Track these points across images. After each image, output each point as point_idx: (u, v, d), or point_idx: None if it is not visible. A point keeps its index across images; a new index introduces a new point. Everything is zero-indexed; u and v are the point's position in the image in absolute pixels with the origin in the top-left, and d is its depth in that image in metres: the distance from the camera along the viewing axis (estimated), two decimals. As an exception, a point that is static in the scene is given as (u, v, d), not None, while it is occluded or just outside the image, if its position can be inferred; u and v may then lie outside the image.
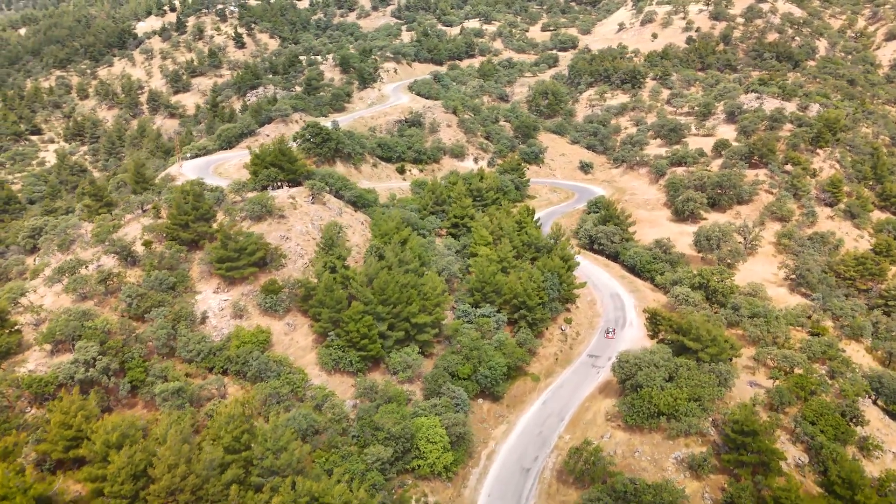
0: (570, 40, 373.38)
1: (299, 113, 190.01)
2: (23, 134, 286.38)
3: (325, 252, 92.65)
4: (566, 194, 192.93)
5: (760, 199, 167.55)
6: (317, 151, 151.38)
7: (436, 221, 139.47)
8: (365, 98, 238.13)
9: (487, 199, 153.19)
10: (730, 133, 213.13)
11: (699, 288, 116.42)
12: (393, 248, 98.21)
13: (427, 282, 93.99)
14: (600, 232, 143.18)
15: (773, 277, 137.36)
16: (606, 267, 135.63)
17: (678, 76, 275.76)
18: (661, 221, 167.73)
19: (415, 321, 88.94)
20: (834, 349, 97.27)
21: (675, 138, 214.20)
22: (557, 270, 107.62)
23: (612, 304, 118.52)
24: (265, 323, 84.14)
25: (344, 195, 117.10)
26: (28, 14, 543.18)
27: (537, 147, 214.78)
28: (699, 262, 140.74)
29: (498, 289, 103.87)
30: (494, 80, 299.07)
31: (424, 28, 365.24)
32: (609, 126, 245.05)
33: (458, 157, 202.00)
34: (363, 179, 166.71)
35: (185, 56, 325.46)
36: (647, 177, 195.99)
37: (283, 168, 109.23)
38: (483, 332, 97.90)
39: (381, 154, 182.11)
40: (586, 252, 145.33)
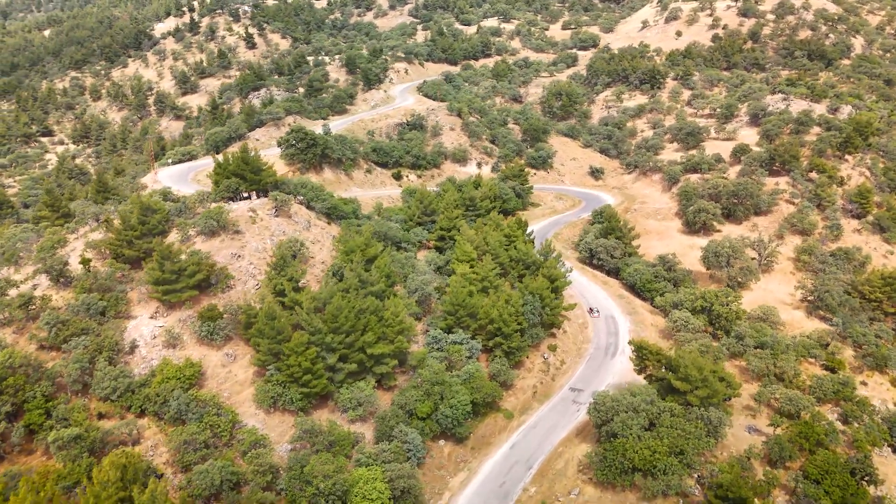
0: (590, 39, 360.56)
1: (293, 116, 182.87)
2: (33, 136, 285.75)
3: (276, 273, 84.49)
4: (573, 202, 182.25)
5: (780, 209, 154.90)
6: (301, 157, 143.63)
7: (422, 233, 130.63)
8: (369, 100, 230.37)
9: (481, 209, 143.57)
10: (752, 137, 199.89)
11: (702, 312, 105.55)
12: (355, 268, 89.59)
13: (389, 306, 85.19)
14: (600, 246, 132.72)
15: (790, 298, 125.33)
16: (604, 285, 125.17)
17: (701, 76, 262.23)
18: (670, 233, 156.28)
19: (371, 352, 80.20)
20: (849, 388, 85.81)
21: (692, 142, 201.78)
22: (540, 293, 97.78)
23: (606, 329, 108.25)
24: (201, 353, 76.32)
25: (315, 206, 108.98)
26: (53, 15, 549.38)
27: (545, 151, 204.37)
28: (707, 281, 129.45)
29: (473, 312, 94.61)
30: (508, 80, 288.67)
31: (439, 27, 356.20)
32: (625, 129, 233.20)
33: (461, 162, 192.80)
34: (354, 186, 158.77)
35: (196, 57, 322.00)
36: (660, 184, 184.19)
37: (245, 178, 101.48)
38: (453, 361, 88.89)
39: (377, 159, 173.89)
40: (585, 267, 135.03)
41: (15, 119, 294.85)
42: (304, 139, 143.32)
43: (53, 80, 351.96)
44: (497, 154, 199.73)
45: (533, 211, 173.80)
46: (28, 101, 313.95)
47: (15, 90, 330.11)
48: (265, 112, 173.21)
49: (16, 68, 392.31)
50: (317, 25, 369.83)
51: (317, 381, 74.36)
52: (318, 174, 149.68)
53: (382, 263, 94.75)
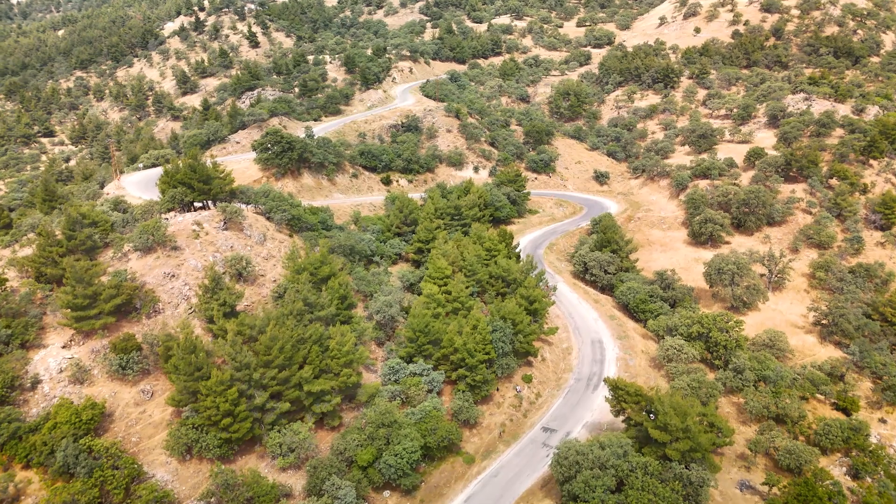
0: (605, 36, 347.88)
1: (280, 118, 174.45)
2: (33, 136, 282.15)
3: (209, 296, 75.55)
4: (573, 209, 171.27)
5: (795, 219, 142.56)
6: (276, 162, 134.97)
7: (399, 245, 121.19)
8: (366, 100, 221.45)
9: (467, 218, 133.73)
10: (769, 140, 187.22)
11: (698, 338, 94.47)
12: (301, 289, 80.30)
13: (336, 334, 75.75)
14: (593, 260, 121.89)
15: (802, 320, 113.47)
16: (596, 303, 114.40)
17: (718, 74, 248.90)
18: (675, 244, 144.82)
19: (308, 389, 70.87)
20: (861, 435, 74.33)
21: (704, 145, 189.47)
22: (513, 317, 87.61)
23: (591, 355, 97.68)
24: (112, 390, 67.62)
25: (274, 217, 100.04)
26: (68, 15, 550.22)
27: (548, 154, 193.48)
28: (710, 300, 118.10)
29: (436, 339, 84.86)
30: (516, 79, 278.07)
31: (448, 24, 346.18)
32: (634, 130, 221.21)
33: (456, 166, 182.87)
34: (336, 193, 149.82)
35: (199, 56, 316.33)
36: (668, 190, 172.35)
37: (192, 187, 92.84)
38: (410, 396, 79.26)
39: (365, 163, 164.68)
40: (578, 282, 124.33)
41: (16, 119, 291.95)
42: (279, 142, 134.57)
43: (59, 79, 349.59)
44: (496, 157, 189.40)
45: (530, 218, 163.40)
46: (31, 102, 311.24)
47: (20, 90, 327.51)
48: (247, 113, 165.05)
49: (26, 68, 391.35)
50: (324, 24, 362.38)
51: (239, 425, 65.18)
52: (295, 180, 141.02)
53: (336, 284, 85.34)
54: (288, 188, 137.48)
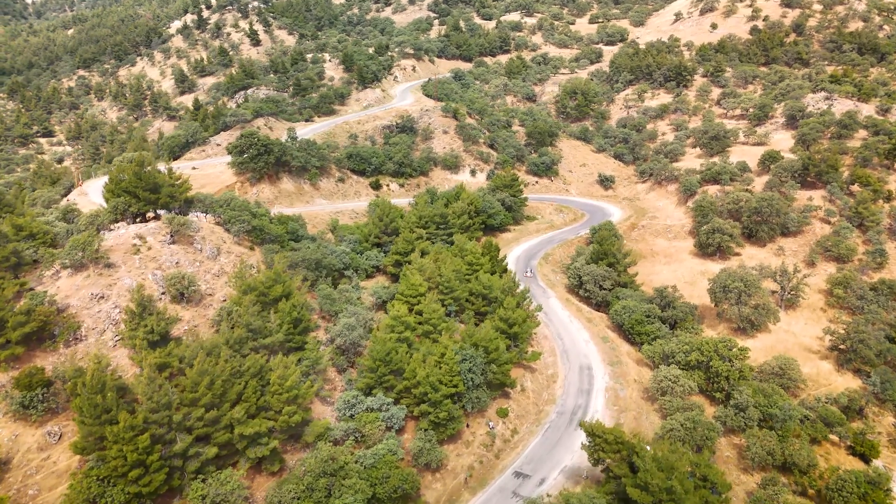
0: (618, 33, 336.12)
1: (266, 118, 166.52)
2: (30, 136, 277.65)
3: (137, 322, 67.16)
4: (574, 215, 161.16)
5: (812, 229, 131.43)
6: (251, 166, 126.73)
7: (377, 257, 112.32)
8: (362, 100, 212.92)
9: (454, 227, 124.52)
10: (787, 142, 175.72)
11: (697, 367, 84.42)
12: (243, 313, 71.73)
13: (278, 367, 67.00)
14: (587, 273, 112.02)
15: (817, 343, 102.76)
16: (588, 322, 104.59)
17: (734, 72, 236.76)
18: (680, 255, 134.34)
19: (240, 431, 62.20)
20: (880, 491, 63.98)
21: (716, 148, 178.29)
22: (486, 344, 78.27)
23: (578, 384, 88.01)
24: (14, 431, 59.47)
25: (231, 228, 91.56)
26: (79, 14, 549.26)
27: (550, 157, 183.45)
28: (715, 320, 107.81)
29: (399, 369, 75.91)
30: (522, 78, 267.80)
31: (455, 21, 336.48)
32: (644, 131, 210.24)
33: (452, 169, 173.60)
34: (319, 198, 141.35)
35: (200, 55, 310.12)
36: (676, 195, 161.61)
37: (137, 196, 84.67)
38: (364, 435, 70.37)
39: (353, 166, 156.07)
40: (571, 298, 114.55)
41: (16, 119, 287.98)
42: (254, 145, 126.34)
43: (61, 78, 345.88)
44: (495, 160, 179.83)
45: (527, 226, 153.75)
46: (31, 101, 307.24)
47: (21, 89, 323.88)
48: (230, 114, 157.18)
49: (32, 67, 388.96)
50: (329, 22, 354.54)
51: (151, 477, 56.62)
52: (273, 185, 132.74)
53: (287, 306, 76.59)
54: (264, 194, 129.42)
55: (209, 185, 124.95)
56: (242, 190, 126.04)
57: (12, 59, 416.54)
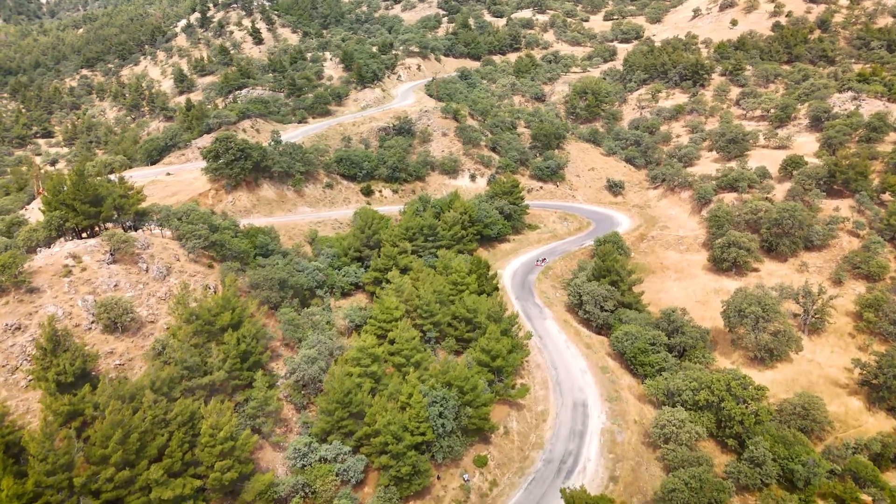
0: (633, 30, 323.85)
1: (253, 119, 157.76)
2: (27, 137, 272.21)
3: (49, 360, 58.08)
4: (579, 224, 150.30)
5: (839, 243, 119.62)
6: (227, 172, 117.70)
7: (356, 273, 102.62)
8: (360, 100, 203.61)
9: (444, 240, 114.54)
10: (811, 145, 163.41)
11: (707, 408, 73.71)
12: (179, 348, 62.43)
13: (211, 414, 57.55)
14: (587, 293, 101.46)
15: (844, 376, 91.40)
16: (587, 349, 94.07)
17: (754, 71, 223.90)
18: (693, 270, 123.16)
19: (158, 494, 52.83)
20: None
21: (735, 151, 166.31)
22: (460, 384, 68.22)
23: (571, 424, 77.65)
24: None
25: (186, 244, 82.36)
26: (89, 13, 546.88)
27: (555, 161, 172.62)
28: (728, 347, 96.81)
29: (359, 411, 66.23)
30: (531, 77, 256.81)
31: (464, 18, 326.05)
32: (657, 133, 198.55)
33: (450, 174, 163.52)
34: (303, 206, 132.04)
35: (202, 53, 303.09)
36: (689, 203, 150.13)
37: (76, 209, 75.81)
38: (316, 491, 60.80)
39: (343, 171, 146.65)
40: (570, 319, 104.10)
41: (15, 119, 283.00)
42: (230, 149, 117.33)
43: (64, 78, 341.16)
44: (497, 164, 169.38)
45: (528, 235, 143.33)
46: (31, 101, 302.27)
47: (23, 89, 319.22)
48: (213, 115, 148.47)
49: (38, 66, 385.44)
50: (335, 20, 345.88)
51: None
52: (251, 192, 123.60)
53: (233, 338, 67.15)
54: (241, 202, 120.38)
55: (181, 193, 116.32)
56: (217, 198, 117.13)
57: (20, 58, 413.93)
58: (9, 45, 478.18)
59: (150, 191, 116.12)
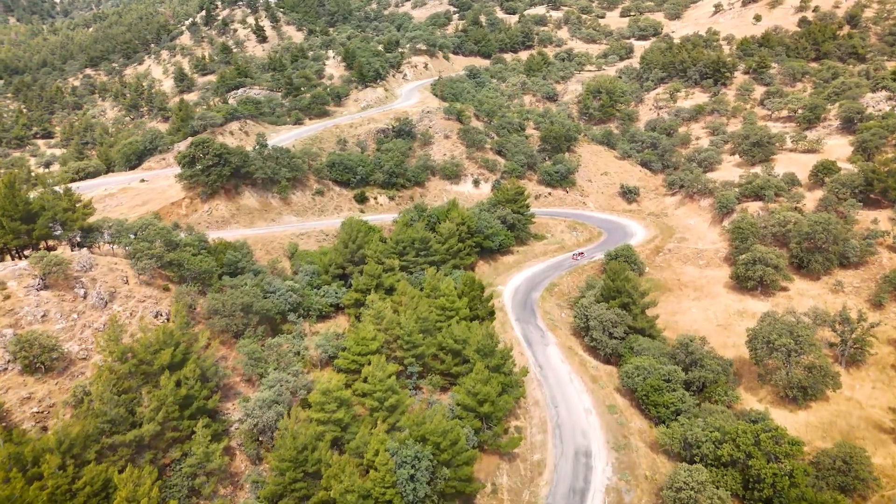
0: (651, 27, 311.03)
1: (241, 121, 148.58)
2: (26, 138, 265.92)
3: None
4: (589, 234, 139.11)
5: (878, 260, 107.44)
6: (202, 179, 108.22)
7: (337, 293, 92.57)
8: (361, 100, 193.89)
9: (437, 255, 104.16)
10: (843, 149, 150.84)
11: (731, 465, 62.62)
12: (101, 396, 52.76)
13: (124, 482, 47.64)
14: (595, 317, 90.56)
15: (890, 417, 79.63)
16: (593, 383, 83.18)
17: (780, 69, 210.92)
18: (713, 288, 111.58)
19: (53, 585, 43.10)
20: None
21: (759, 155, 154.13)
22: (438, 440, 57.76)
23: (570, 480, 66.83)
24: None
25: (137, 264, 72.82)
26: (100, 12, 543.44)
27: (565, 165, 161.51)
28: (755, 382, 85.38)
29: (316, 471, 56.10)
30: (543, 75, 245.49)
31: (474, 15, 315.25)
32: (675, 135, 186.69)
33: (452, 179, 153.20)
34: (289, 214, 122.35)
35: (205, 52, 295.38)
36: (710, 212, 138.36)
37: (2, 226, 66.54)
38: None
39: (336, 176, 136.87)
40: (575, 345, 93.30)
41: (15, 120, 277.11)
42: (206, 155, 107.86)
43: (67, 77, 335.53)
44: (502, 168, 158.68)
45: (533, 247, 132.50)
46: (32, 101, 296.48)
47: (25, 89, 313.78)
48: (198, 117, 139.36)
49: (45, 65, 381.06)
50: (343, 17, 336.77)
51: None
52: (231, 200, 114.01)
53: (171, 382, 57.31)
54: (219, 211, 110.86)
55: (152, 202, 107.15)
56: (191, 207, 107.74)
57: (28, 57, 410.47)
58: (18, 44, 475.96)
59: (119, 199, 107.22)
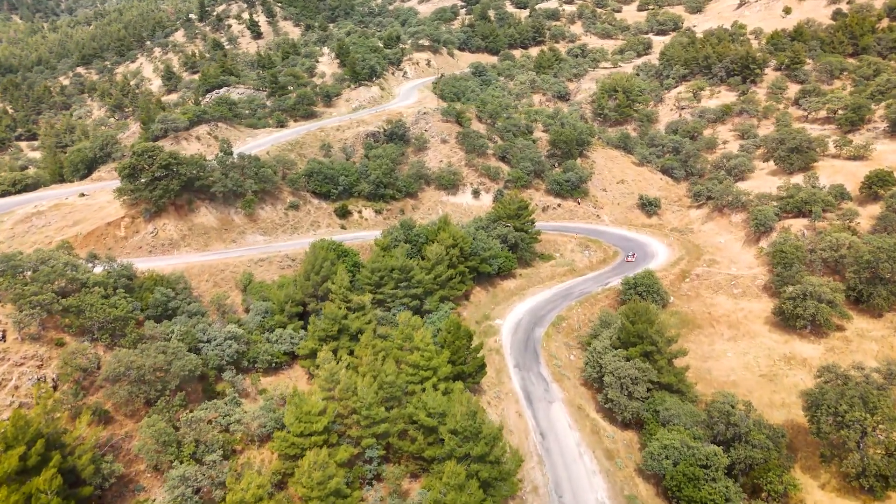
0: (671, 21, 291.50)
1: (211, 124, 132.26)
2: (6, 140, 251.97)
3: None
4: (604, 253, 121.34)
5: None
6: (146, 195, 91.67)
7: (291, 338, 75.59)
8: (353, 99, 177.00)
9: (421, 286, 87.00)
10: (894, 155, 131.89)
11: None
12: None
13: None
14: (611, 372, 72.97)
15: None
16: (608, 460, 65.71)
17: (815, 65, 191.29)
18: (751, 325, 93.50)
19: None
20: None
21: (798, 163, 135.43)
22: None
23: None
24: None
25: (21, 314, 56.55)
26: (101, 10, 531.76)
27: (577, 173, 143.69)
28: (814, 458, 67.31)
29: None
30: (554, 73, 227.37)
31: (482, 9, 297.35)
32: (699, 139, 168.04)
33: (449, 189, 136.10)
34: (255, 233, 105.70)
35: (197, 49, 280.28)
36: (743, 229, 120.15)
37: None
38: None
39: (314, 188, 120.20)
40: (587, 403, 75.87)
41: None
42: (151, 166, 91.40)
43: (58, 76, 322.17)
44: (506, 176, 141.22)
45: (538, 269, 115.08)
46: (18, 101, 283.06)
47: (11, 88, 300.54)
48: (158, 119, 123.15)
49: (40, 63, 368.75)
50: (345, 12, 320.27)
51: None
52: (182, 218, 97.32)
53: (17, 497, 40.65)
54: (166, 232, 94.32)
55: (85, 223, 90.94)
56: (132, 228, 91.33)
57: (25, 56, 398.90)
58: (16, 42, 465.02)
59: (48, 219, 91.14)
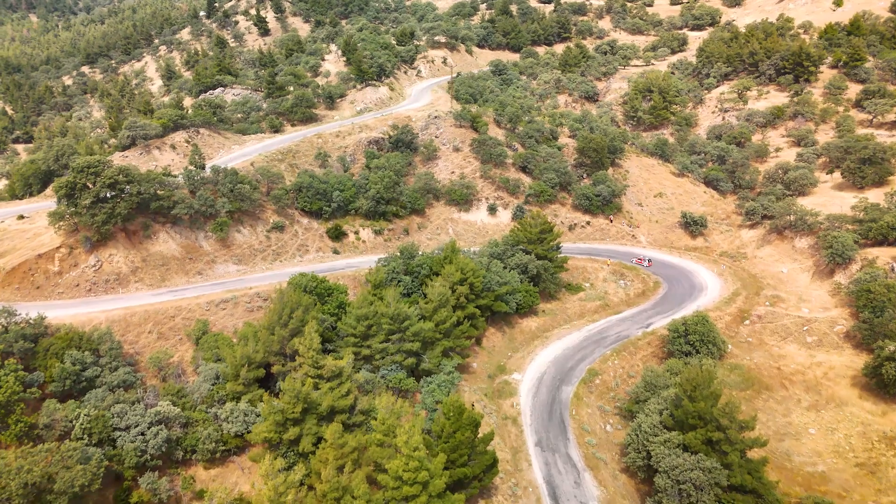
0: (708, 15, 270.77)
1: (190, 131, 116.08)
2: (3, 143, 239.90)
3: None
4: (643, 284, 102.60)
5: None
6: (86, 220, 75.17)
7: (244, 416, 58.42)
8: (359, 101, 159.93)
9: (417, 341, 69.42)
10: None
11: None
12: None
13: None
14: (663, 466, 54.76)
15: None
16: None
17: (877, 62, 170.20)
18: (836, 387, 74.44)
19: None
20: None
21: (871, 176, 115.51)
22: None
23: None
24: None
25: None
26: (115, 7, 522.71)
27: (609, 186, 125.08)
28: None
29: None
30: (581, 71, 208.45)
31: (504, 4, 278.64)
32: (748, 146, 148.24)
33: (461, 205, 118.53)
34: (228, 263, 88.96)
35: (201, 46, 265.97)
36: (811, 256, 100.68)
37: None
38: None
39: (304, 205, 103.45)
40: (631, 500, 57.63)
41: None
42: (94, 185, 75.03)
43: (62, 76, 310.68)
44: (527, 190, 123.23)
45: (565, 303, 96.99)
46: (18, 102, 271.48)
47: (13, 88, 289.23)
48: (126, 126, 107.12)
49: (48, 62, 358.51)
50: (359, 8, 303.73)
51: None
52: (135, 247, 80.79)
53: None
54: (113, 264, 77.83)
55: (12, 254, 74.83)
56: (70, 261, 75.00)
57: (35, 54, 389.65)
58: (28, 41, 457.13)
59: (-30, 247, 74.94)
